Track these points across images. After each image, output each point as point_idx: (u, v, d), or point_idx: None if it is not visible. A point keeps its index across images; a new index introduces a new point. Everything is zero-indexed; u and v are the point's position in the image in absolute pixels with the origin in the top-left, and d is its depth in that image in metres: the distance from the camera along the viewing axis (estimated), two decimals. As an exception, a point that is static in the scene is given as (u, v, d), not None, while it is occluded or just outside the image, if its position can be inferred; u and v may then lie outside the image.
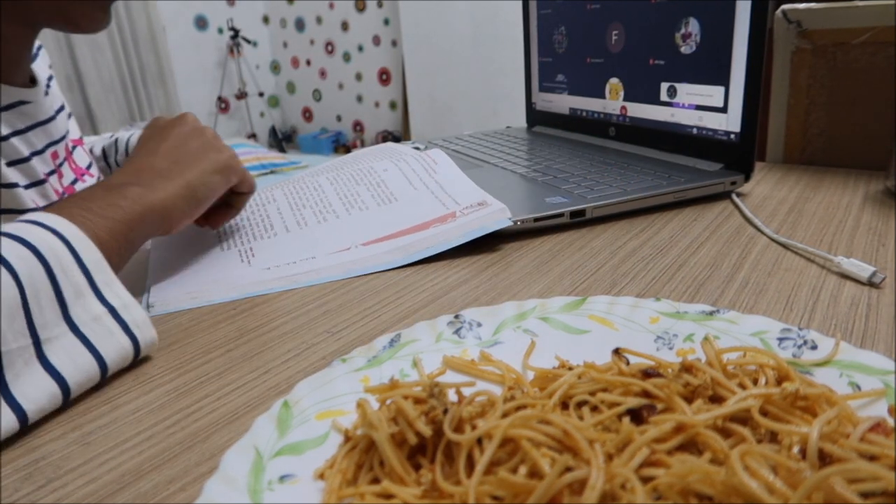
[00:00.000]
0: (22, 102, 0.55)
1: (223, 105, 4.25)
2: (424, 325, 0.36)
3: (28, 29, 0.54)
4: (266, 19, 4.45)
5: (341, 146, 4.29)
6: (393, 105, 4.06)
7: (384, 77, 4.03)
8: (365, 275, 0.50)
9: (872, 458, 0.22)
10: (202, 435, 0.31)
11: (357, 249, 0.53)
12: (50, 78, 0.64)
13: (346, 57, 4.16)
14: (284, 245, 0.55)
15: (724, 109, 0.66)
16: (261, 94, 4.43)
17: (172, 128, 0.52)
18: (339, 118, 4.41)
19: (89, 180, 0.64)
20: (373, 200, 0.60)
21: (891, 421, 0.25)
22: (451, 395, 0.27)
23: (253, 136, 4.38)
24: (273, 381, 0.36)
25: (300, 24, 4.31)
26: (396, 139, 3.94)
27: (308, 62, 4.40)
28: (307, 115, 4.59)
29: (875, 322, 0.37)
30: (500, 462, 0.24)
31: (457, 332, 0.36)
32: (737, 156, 0.65)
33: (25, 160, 0.53)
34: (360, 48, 4.06)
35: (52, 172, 0.57)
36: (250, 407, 0.33)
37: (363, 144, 4.26)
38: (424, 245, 0.52)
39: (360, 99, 4.22)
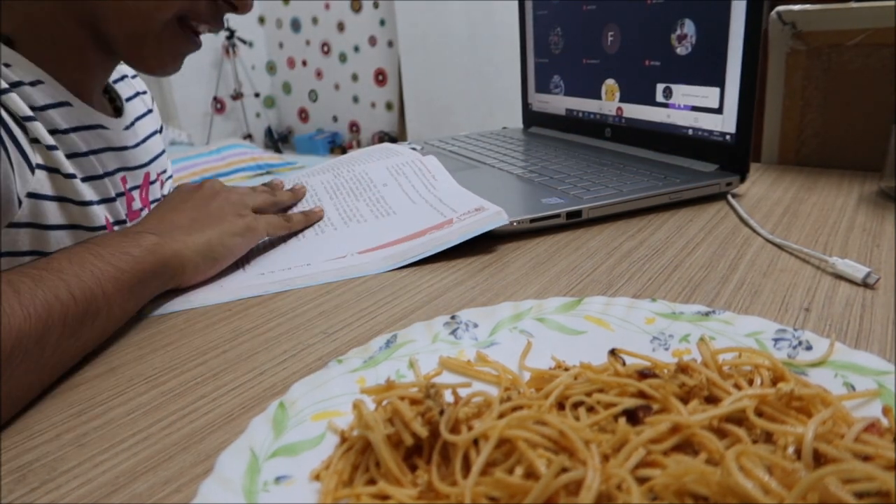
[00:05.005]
0: (101, 127, 0.58)
1: (219, 106, 4.24)
2: (421, 325, 0.36)
3: (109, 59, 0.58)
4: (262, 20, 4.44)
5: (337, 147, 4.28)
6: (389, 106, 4.06)
7: (380, 78, 4.03)
8: (361, 276, 0.50)
9: (867, 458, 0.22)
10: (198, 436, 0.31)
11: (353, 257, 0.53)
12: (143, 115, 0.68)
13: (342, 57, 4.16)
14: (280, 254, 0.55)
15: (719, 110, 0.66)
16: (257, 95, 4.42)
17: (196, 191, 0.54)
18: (335, 119, 4.40)
19: None
20: (371, 213, 0.60)
21: (885, 421, 0.25)
22: (448, 396, 0.27)
23: (249, 136, 4.37)
24: (269, 382, 0.36)
25: (296, 25, 4.31)
26: (393, 140, 3.94)
27: (304, 63, 4.39)
28: (303, 115, 4.58)
29: (869, 322, 0.37)
30: (497, 463, 0.24)
31: (453, 332, 0.36)
32: (732, 157, 0.66)
33: (99, 177, 0.56)
34: (357, 49, 4.06)
35: (120, 195, 0.60)
36: (246, 408, 0.33)
37: (359, 145, 4.25)
38: (421, 249, 0.52)
39: (356, 100, 4.22)
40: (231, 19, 4.11)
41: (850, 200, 0.61)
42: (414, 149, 0.77)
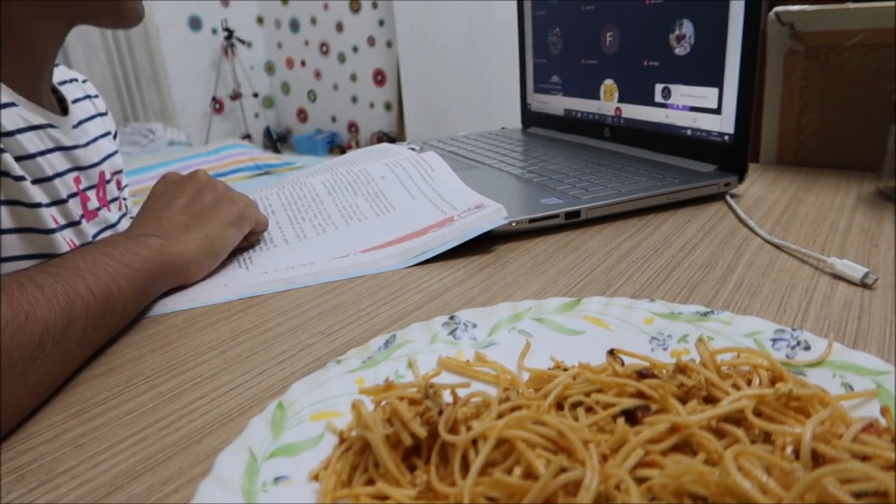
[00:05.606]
0: (50, 126, 0.57)
1: (217, 106, 4.23)
2: (420, 326, 0.36)
3: (60, 27, 0.56)
4: (260, 20, 4.44)
5: (336, 147, 4.28)
6: (388, 106, 4.06)
7: (379, 78, 4.03)
8: (361, 276, 0.50)
9: (865, 458, 0.22)
10: (196, 436, 0.31)
11: (356, 256, 0.53)
12: (93, 117, 0.67)
13: (341, 58, 4.16)
14: (283, 254, 0.55)
15: (717, 111, 0.66)
16: (255, 95, 4.42)
17: (186, 183, 0.54)
18: (333, 119, 4.40)
19: (112, 212, 0.66)
20: (371, 211, 0.60)
21: (883, 421, 0.25)
22: (446, 396, 0.27)
23: (247, 136, 4.37)
24: (267, 382, 0.36)
25: (294, 25, 4.31)
26: (391, 140, 3.94)
27: (303, 63, 4.39)
28: (302, 115, 4.58)
29: (867, 323, 0.37)
30: (495, 463, 0.24)
31: (452, 333, 0.36)
32: (730, 157, 0.66)
33: (48, 179, 0.55)
34: (355, 49, 4.06)
35: (73, 195, 0.59)
36: (245, 408, 0.33)
37: (358, 145, 4.25)
38: (422, 249, 0.52)
39: (354, 100, 4.22)
40: (230, 20, 4.12)
41: (848, 201, 0.61)
42: (413, 149, 0.77)
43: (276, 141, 4.51)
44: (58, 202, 0.56)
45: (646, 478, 0.23)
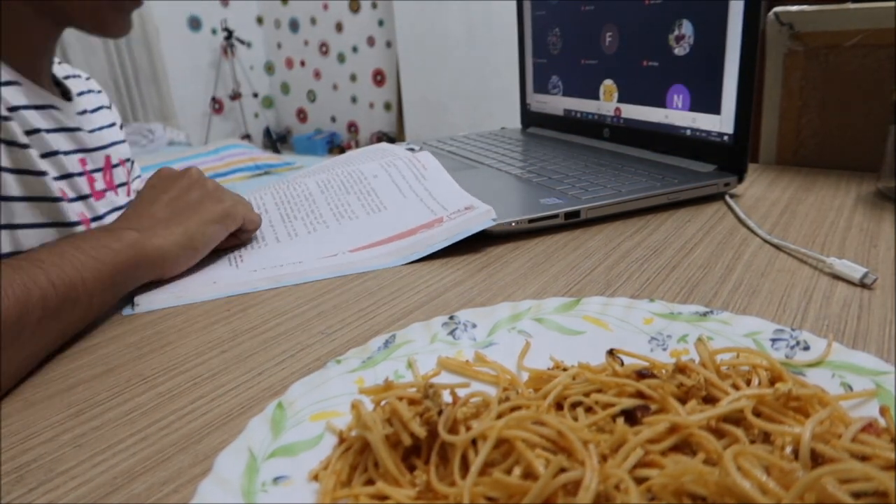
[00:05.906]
0: (52, 107, 0.58)
1: (217, 106, 4.23)
2: (419, 326, 0.36)
3: (54, 26, 0.57)
4: (260, 20, 4.44)
5: (336, 147, 4.28)
6: (387, 106, 4.06)
7: (378, 78, 4.02)
8: (360, 275, 0.50)
9: (864, 458, 0.22)
10: (196, 436, 0.31)
11: (344, 255, 0.53)
12: (98, 109, 0.68)
13: (341, 58, 4.16)
14: (273, 252, 0.56)
15: (717, 111, 0.66)
16: (255, 95, 4.42)
17: (175, 179, 0.54)
18: (333, 119, 4.40)
19: (119, 196, 0.67)
20: (362, 210, 0.61)
21: (882, 421, 0.25)
22: (446, 396, 0.27)
23: (247, 136, 4.37)
24: (267, 382, 0.36)
25: (294, 25, 4.31)
26: (391, 140, 3.94)
27: (302, 63, 4.39)
28: (301, 115, 4.58)
29: (867, 323, 0.37)
30: (495, 463, 0.24)
31: (451, 333, 0.36)
32: (730, 157, 0.66)
33: (54, 153, 0.56)
34: (355, 49, 4.06)
35: (80, 174, 0.60)
36: (244, 408, 0.33)
37: (358, 145, 4.25)
38: (412, 249, 0.53)
39: (354, 100, 4.22)
40: (229, 20, 4.11)
41: (847, 201, 0.61)
42: (411, 149, 0.77)
43: (276, 141, 4.51)
44: (66, 176, 0.57)
45: (645, 478, 0.23)
